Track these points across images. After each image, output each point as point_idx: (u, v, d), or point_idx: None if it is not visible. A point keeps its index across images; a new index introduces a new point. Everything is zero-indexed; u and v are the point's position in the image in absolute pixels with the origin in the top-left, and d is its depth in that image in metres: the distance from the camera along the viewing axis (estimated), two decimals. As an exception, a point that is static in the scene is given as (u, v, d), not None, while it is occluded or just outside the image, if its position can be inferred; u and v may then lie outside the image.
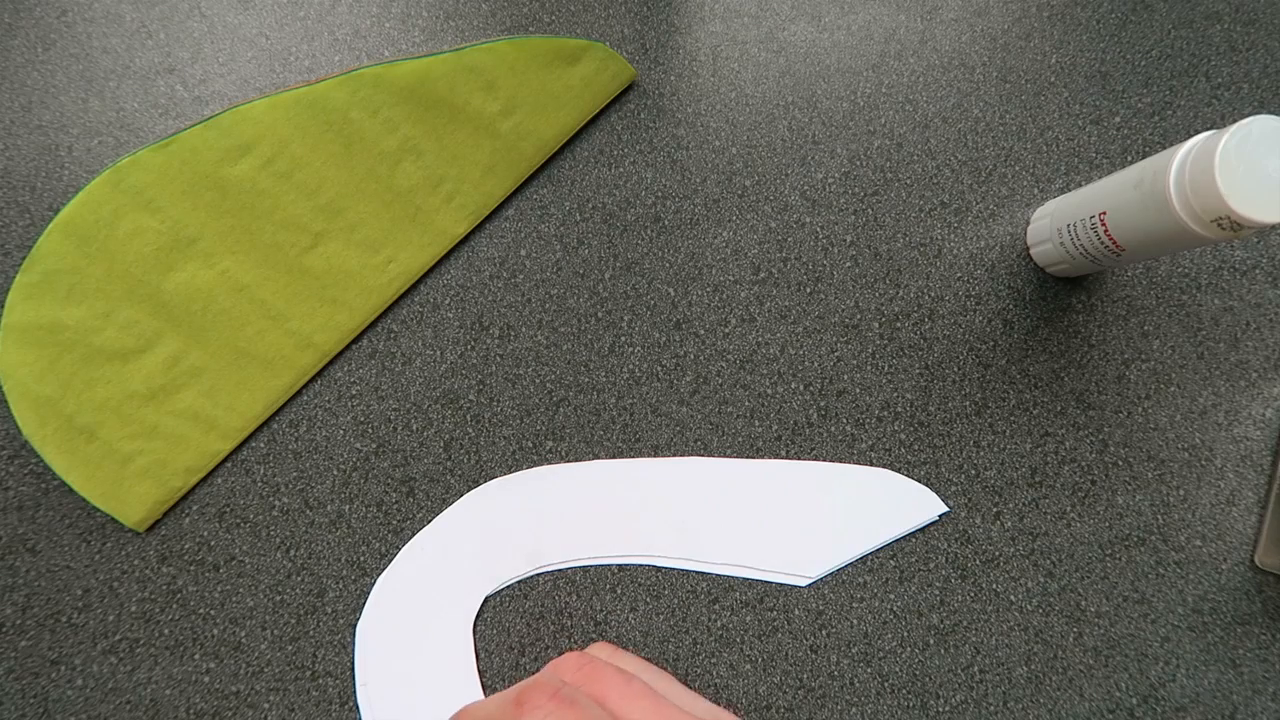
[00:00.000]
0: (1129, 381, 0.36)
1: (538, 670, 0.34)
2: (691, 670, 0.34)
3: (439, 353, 0.35)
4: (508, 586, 0.34)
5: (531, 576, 0.34)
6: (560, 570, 0.34)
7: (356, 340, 0.35)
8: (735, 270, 0.36)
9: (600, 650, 0.32)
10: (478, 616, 0.34)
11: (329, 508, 0.35)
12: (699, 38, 0.37)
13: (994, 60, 0.37)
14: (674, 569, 0.34)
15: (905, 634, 0.34)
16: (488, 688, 0.34)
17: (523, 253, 0.36)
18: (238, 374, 0.34)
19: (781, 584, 0.34)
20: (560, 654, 0.34)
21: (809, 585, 0.34)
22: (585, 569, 0.34)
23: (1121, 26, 0.37)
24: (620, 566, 0.34)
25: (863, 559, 0.35)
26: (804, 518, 0.35)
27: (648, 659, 0.34)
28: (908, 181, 0.37)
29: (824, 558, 0.34)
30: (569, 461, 0.35)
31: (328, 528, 0.34)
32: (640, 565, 0.34)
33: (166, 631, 0.34)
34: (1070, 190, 0.36)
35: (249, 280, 0.34)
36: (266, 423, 0.35)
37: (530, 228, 0.36)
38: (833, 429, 0.35)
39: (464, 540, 0.34)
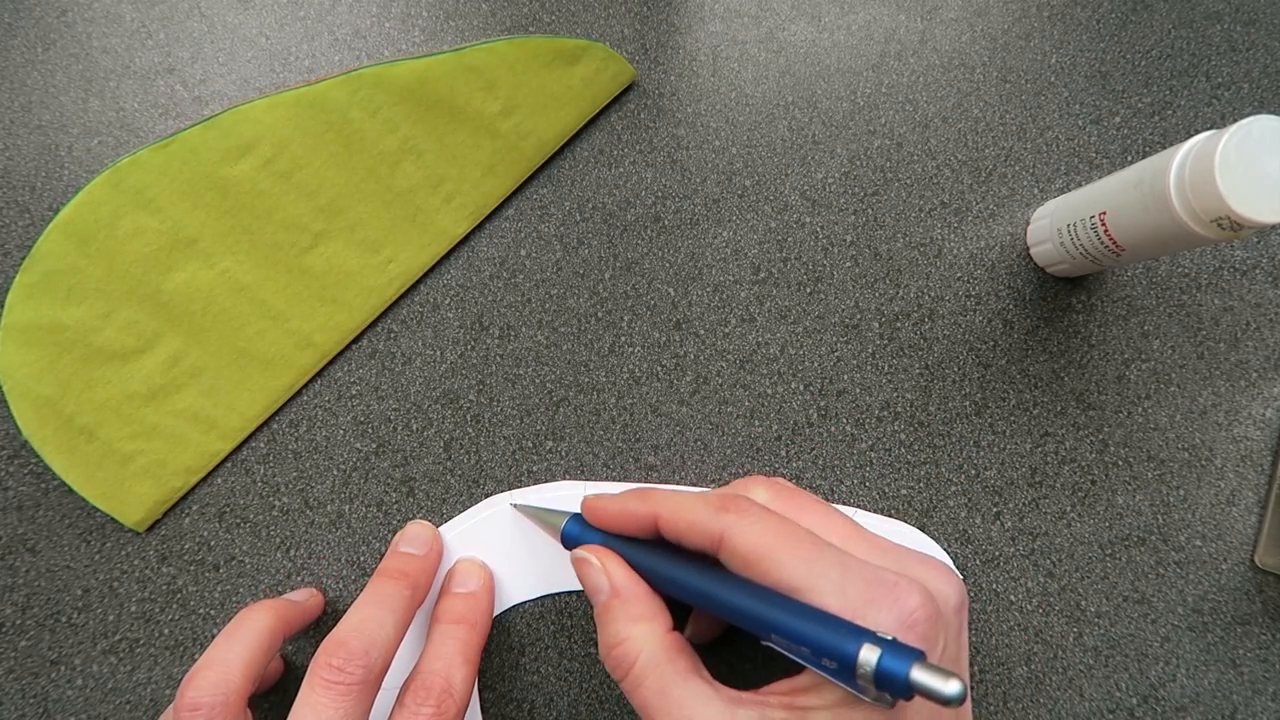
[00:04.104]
0: (1129, 381, 0.36)
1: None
2: (691, 670, 0.34)
3: (439, 353, 0.35)
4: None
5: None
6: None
7: (356, 340, 0.35)
8: (735, 270, 0.36)
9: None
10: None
11: (329, 508, 0.35)
12: (699, 38, 0.37)
13: (994, 60, 0.37)
14: None
15: (905, 634, 0.34)
16: (487, 710, 0.34)
17: (523, 253, 0.36)
18: (238, 374, 0.34)
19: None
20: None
21: None
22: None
23: (1121, 26, 0.37)
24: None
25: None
26: None
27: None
28: (908, 181, 0.37)
29: None
30: (569, 461, 0.35)
31: (328, 528, 0.34)
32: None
33: (166, 631, 0.34)
34: (1070, 190, 0.36)
35: (249, 280, 0.34)
36: (266, 423, 0.35)
37: (530, 228, 0.36)
38: (833, 429, 0.35)
39: (489, 555, 0.34)
